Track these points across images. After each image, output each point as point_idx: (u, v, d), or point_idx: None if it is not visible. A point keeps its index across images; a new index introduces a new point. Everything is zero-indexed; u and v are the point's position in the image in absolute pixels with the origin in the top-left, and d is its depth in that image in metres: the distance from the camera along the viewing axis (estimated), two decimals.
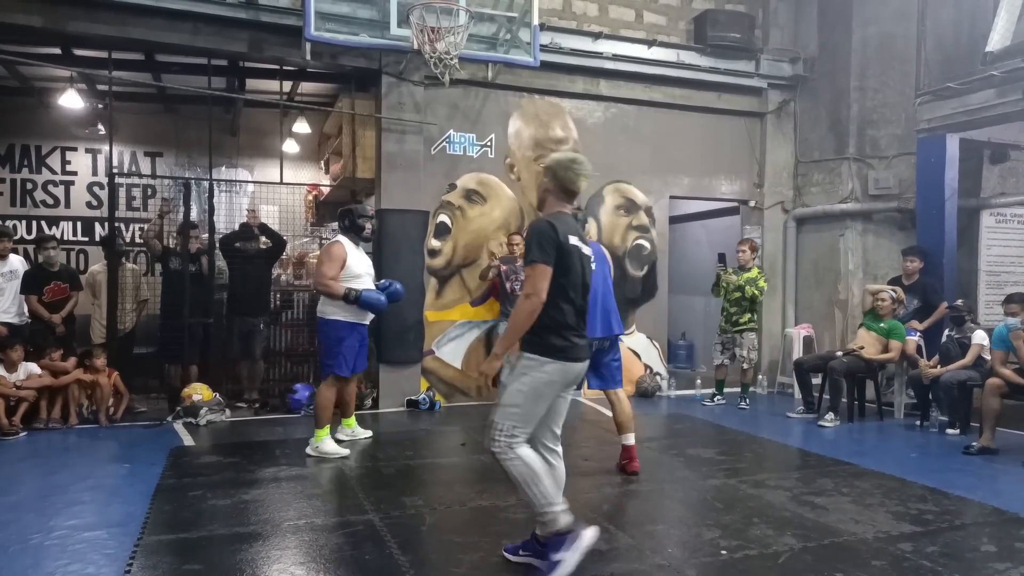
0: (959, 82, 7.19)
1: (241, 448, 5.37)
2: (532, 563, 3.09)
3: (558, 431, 3.18)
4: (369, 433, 5.69)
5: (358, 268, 5.20)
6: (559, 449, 3.19)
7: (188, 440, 5.66)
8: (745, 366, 7.32)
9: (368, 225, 5.40)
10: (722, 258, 7.45)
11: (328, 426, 5.18)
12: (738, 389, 7.43)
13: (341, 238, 5.28)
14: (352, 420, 5.66)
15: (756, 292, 7.15)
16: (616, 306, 4.70)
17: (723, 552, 3.41)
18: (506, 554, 3.24)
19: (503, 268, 7.16)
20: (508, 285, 7.07)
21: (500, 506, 4.07)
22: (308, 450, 5.16)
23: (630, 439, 4.80)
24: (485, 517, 3.97)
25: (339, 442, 5.33)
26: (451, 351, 7.39)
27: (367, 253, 5.60)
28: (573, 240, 3.02)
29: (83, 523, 3.74)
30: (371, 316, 5.29)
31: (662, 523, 3.91)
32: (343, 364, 5.11)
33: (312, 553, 3.38)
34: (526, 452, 2.98)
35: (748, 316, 7.25)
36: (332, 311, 5.10)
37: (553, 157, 3.20)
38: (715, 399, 7.49)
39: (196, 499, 4.13)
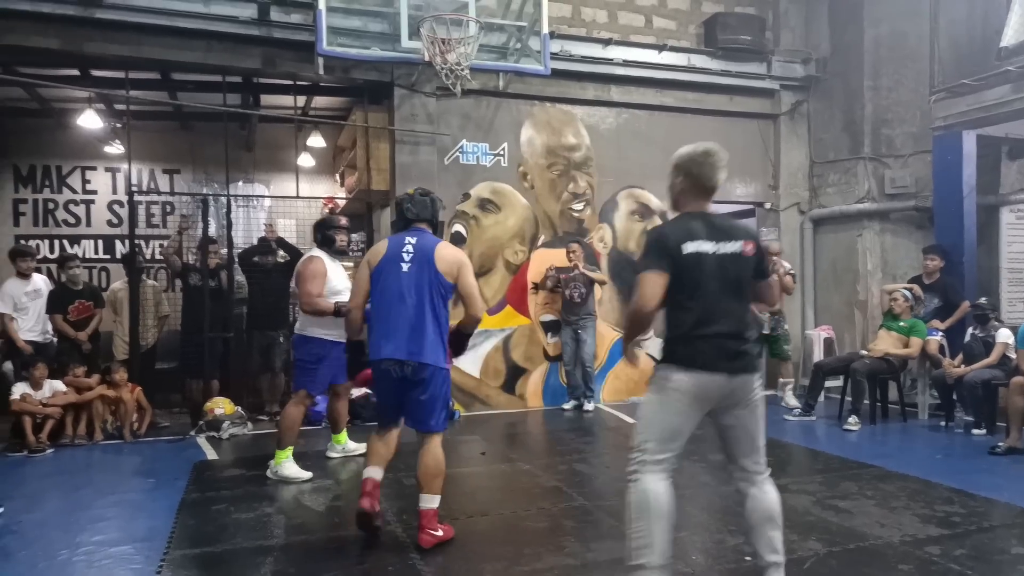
0: (974, 78, 7.12)
1: (264, 461, 5.37)
2: None
3: (745, 461, 2.83)
4: (362, 448, 4.85)
5: (338, 284, 4.90)
6: (756, 479, 2.83)
7: (211, 454, 5.71)
8: None
9: (340, 238, 5.08)
10: None
11: (291, 448, 4.90)
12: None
13: (319, 253, 4.99)
14: (343, 436, 5.48)
15: None
16: (436, 326, 3.71)
17: (747, 558, 3.38)
18: None
19: (562, 276, 7.28)
20: (567, 293, 7.22)
21: (521, 515, 4.08)
22: (268, 473, 4.88)
23: (427, 501, 3.58)
24: (506, 526, 3.98)
25: (329, 459, 5.34)
26: (469, 360, 7.36)
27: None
28: (691, 246, 2.73)
29: (109, 538, 3.78)
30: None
31: (684, 529, 3.87)
32: (316, 383, 4.93)
33: (336, 564, 3.40)
34: (650, 482, 2.69)
35: None
36: (313, 329, 4.82)
37: (681, 152, 2.88)
38: None
39: (220, 513, 4.17)
